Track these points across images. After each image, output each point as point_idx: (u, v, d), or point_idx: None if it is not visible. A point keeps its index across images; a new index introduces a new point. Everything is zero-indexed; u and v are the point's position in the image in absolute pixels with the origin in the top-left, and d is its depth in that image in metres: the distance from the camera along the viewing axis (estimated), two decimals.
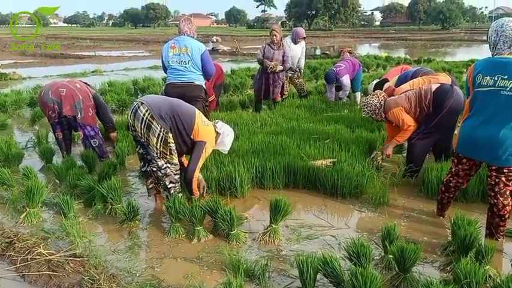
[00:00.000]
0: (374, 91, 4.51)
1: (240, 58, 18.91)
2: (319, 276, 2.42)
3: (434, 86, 4.07)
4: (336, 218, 3.46)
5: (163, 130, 3.29)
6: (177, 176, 3.46)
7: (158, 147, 3.31)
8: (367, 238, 3.07)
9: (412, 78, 4.57)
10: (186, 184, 3.47)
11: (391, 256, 2.58)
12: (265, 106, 7.17)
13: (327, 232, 3.19)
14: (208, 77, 4.92)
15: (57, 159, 4.74)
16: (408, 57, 16.81)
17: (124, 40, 34.11)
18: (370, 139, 4.83)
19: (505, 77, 2.68)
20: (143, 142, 3.43)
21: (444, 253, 2.84)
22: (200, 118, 3.50)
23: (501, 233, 2.96)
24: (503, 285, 2.19)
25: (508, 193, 2.85)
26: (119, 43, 30.62)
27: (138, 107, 3.31)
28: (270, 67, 6.46)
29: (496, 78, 2.71)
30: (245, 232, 3.13)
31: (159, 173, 3.43)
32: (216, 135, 3.60)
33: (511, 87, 2.66)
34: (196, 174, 3.44)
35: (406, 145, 4.41)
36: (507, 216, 2.89)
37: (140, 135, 3.35)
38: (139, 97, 6.42)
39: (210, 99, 5.98)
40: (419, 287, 2.29)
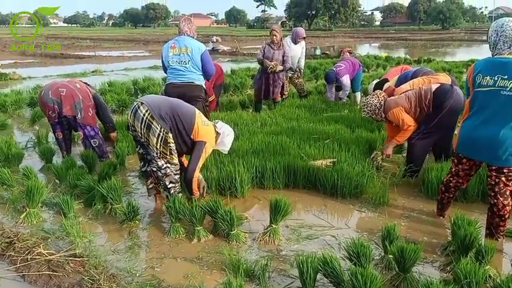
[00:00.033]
0: (374, 91, 4.52)
1: (240, 58, 18.90)
2: (319, 276, 2.42)
3: (434, 86, 4.07)
4: (336, 218, 3.46)
5: (163, 130, 3.29)
6: (177, 176, 3.46)
7: (158, 147, 3.31)
8: (367, 238, 3.07)
9: (412, 78, 4.57)
10: (186, 184, 3.47)
11: (391, 256, 2.58)
12: (265, 106, 7.16)
13: (327, 232, 3.19)
14: (208, 77, 4.92)
15: (57, 159, 4.74)
16: (408, 57, 16.82)
17: (124, 40, 34.11)
18: (370, 139, 4.83)
19: (505, 77, 2.68)
20: (143, 142, 3.42)
21: (444, 253, 2.85)
22: (200, 118, 3.50)
23: (501, 233, 2.96)
24: (503, 285, 2.19)
25: (508, 193, 2.85)
26: (119, 43, 30.62)
27: (138, 107, 3.31)
28: (270, 67, 6.45)
29: (496, 78, 2.72)
30: (245, 232, 3.13)
31: (159, 173, 3.43)
32: (216, 135, 3.60)
33: (511, 87, 2.66)
34: (196, 174, 3.44)
35: (406, 145, 4.41)
36: (507, 216, 2.89)
37: (140, 135, 3.35)
38: (139, 97, 6.41)
39: (210, 99, 5.98)
40: (419, 287, 2.30)
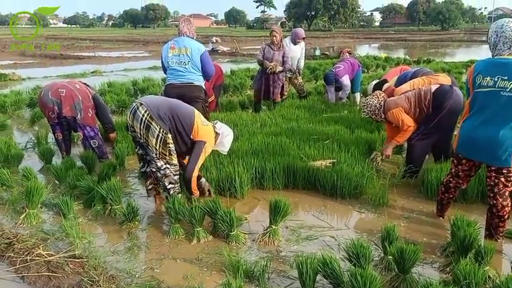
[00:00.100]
0: (374, 92, 4.52)
1: (240, 59, 18.90)
2: (318, 277, 2.42)
3: (433, 87, 4.08)
4: (336, 219, 3.46)
5: (162, 131, 3.28)
6: (177, 177, 3.46)
7: (157, 148, 3.31)
8: (366, 239, 3.07)
9: (411, 79, 4.57)
10: (185, 183, 3.47)
11: (391, 257, 2.58)
12: (264, 107, 7.16)
13: (327, 233, 3.19)
14: (208, 78, 4.92)
15: (56, 160, 4.74)
16: (408, 57, 16.83)
17: (124, 41, 34.10)
18: (369, 140, 4.84)
19: (505, 78, 2.68)
20: (142, 143, 3.42)
21: (444, 254, 2.85)
22: (200, 118, 3.50)
23: (500, 234, 2.96)
24: (502, 286, 2.18)
25: (507, 194, 2.85)
26: (119, 44, 30.61)
27: (137, 108, 3.31)
28: (270, 68, 6.46)
29: (496, 79, 2.72)
30: (245, 233, 3.12)
31: (159, 174, 3.43)
32: (215, 135, 3.60)
33: (511, 87, 2.66)
34: (195, 174, 3.44)
35: (406, 146, 4.41)
36: (506, 217, 2.89)
37: (139, 135, 3.35)
38: (138, 98, 6.41)
39: (210, 99, 5.98)
40: None
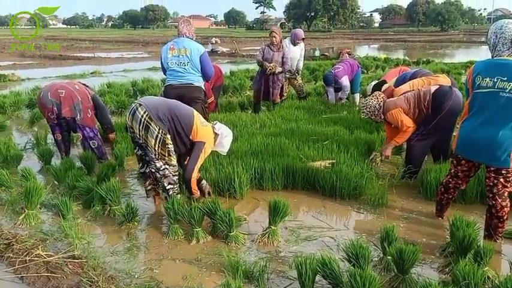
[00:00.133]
0: (373, 92, 4.52)
1: (239, 59, 18.91)
2: (318, 277, 2.42)
3: (433, 88, 4.08)
4: (335, 219, 3.46)
5: (161, 131, 3.28)
6: (176, 177, 3.46)
7: (156, 148, 3.31)
8: (365, 239, 3.07)
9: (411, 79, 4.57)
10: (185, 184, 3.47)
11: (390, 257, 2.58)
12: (264, 107, 7.16)
13: (326, 233, 3.19)
14: (207, 79, 4.92)
15: (56, 160, 4.74)
16: (407, 58, 16.86)
17: (123, 41, 34.10)
18: (369, 140, 4.84)
19: (505, 79, 2.69)
20: (141, 143, 3.42)
21: (443, 254, 2.85)
22: (199, 119, 3.51)
23: (500, 234, 2.96)
24: (501, 286, 2.18)
25: (507, 194, 2.86)
26: (118, 44, 30.61)
27: (137, 109, 3.31)
28: (269, 68, 6.46)
29: (496, 79, 2.72)
30: (244, 233, 3.12)
31: (158, 174, 3.43)
32: (215, 136, 3.60)
33: (511, 88, 2.66)
34: (195, 174, 3.44)
35: (405, 146, 4.41)
36: (505, 217, 2.90)
37: (138, 136, 3.35)
38: (138, 98, 6.41)
39: (209, 100, 5.98)
40: None
